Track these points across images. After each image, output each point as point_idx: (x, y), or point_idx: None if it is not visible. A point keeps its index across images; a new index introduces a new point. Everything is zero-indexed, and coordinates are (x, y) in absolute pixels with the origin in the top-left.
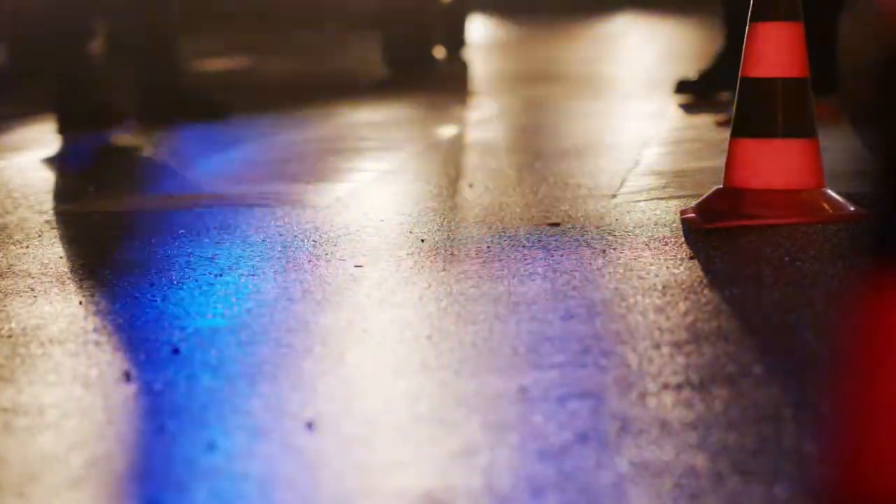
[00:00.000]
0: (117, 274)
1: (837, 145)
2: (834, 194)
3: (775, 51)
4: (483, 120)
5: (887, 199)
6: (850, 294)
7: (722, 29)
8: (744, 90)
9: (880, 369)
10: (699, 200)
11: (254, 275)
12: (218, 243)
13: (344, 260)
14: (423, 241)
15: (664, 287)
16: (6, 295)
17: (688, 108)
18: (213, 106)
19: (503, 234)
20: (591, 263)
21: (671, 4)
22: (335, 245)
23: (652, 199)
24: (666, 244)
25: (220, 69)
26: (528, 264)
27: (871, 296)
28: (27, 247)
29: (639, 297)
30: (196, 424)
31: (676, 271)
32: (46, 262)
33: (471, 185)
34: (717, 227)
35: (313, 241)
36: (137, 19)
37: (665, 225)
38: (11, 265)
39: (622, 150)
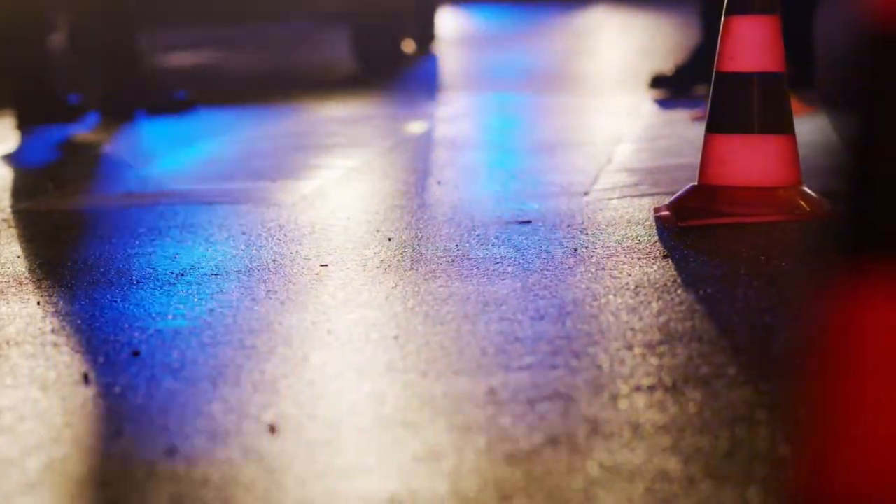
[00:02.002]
0: (76, 274)
1: (814, 141)
2: (811, 191)
3: (751, 45)
4: (453, 116)
5: (865, 197)
6: (827, 293)
7: (698, 23)
8: (719, 85)
9: (856, 370)
10: (673, 198)
11: (216, 274)
12: (180, 242)
13: (309, 259)
14: (390, 239)
15: (637, 286)
16: None
17: (663, 103)
18: (177, 101)
19: (472, 232)
20: (562, 262)
21: None
22: (300, 244)
23: (625, 196)
24: (639, 243)
25: (185, 63)
26: (497, 263)
27: (847, 295)
28: None
29: (611, 297)
30: (156, 428)
31: (650, 270)
32: (4, 261)
33: (439, 183)
34: (692, 226)
35: (278, 239)
36: (99, 13)
37: (638, 223)
38: None
39: (595, 147)
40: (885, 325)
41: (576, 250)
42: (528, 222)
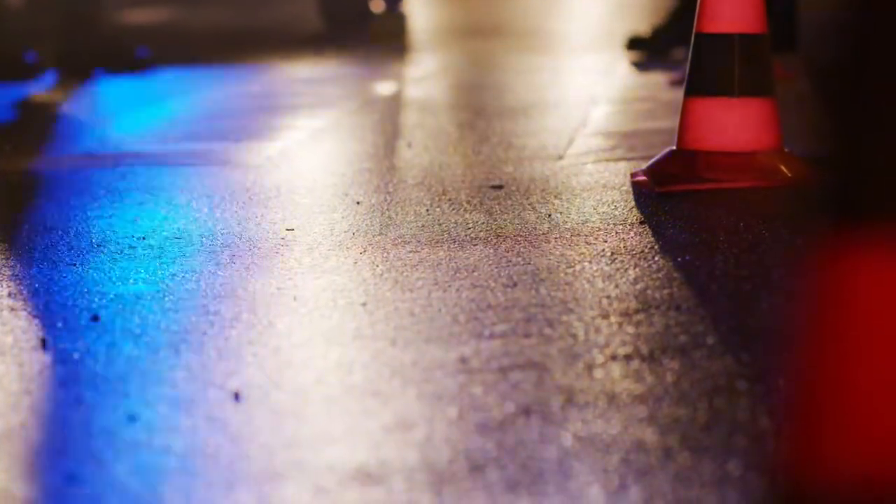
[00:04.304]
0: (34, 236)
1: (796, 105)
2: (792, 156)
3: (732, 5)
4: (423, 76)
5: (846, 162)
6: (808, 261)
7: None
8: (699, 46)
9: (837, 340)
10: (651, 163)
11: (179, 238)
12: (141, 204)
13: (274, 223)
14: (358, 203)
15: (613, 253)
16: None
17: (640, 65)
18: (138, 59)
19: (443, 196)
20: (535, 228)
21: None
22: (265, 207)
23: (601, 160)
24: (615, 208)
25: (146, 20)
26: (469, 229)
27: (828, 262)
28: None
29: (586, 264)
30: (116, 395)
31: (626, 237)
32: None
33: (409, 145)
34: (670, 191)
35: (242, 202)
36: None
37: (614, 188)
38: None
39: (570, 109)
40: (867, 292)
41: (550, 216)
42: (501, 187)
